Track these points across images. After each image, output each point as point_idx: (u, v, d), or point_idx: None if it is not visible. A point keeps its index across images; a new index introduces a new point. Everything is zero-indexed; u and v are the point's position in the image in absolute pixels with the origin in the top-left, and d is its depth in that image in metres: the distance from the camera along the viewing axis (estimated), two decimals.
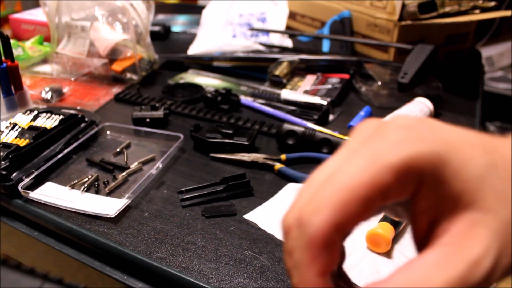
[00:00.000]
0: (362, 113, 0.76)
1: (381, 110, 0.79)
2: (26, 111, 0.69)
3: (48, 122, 0.67)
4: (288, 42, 1.08)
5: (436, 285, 0.18)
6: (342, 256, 0.24)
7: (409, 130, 0.20)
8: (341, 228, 0.19)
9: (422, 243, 0.21)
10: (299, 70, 0.93)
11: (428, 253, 0.19)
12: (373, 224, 0.48)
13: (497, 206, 0.20)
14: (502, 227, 0.19)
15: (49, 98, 0.81)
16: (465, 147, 0.20)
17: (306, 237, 0.20)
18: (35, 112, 0.69)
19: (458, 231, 0.20)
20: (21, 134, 0.63)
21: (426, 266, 0.19)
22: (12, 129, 0.64)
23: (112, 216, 0.51)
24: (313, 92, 0.84)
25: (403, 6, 0.92)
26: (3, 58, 0.68)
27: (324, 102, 0.78)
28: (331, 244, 0.19)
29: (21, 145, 0.59)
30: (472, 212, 0.20)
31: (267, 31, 1.09)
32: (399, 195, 0.20)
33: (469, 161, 0.20)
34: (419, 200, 0.20)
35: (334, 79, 0.88)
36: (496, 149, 0.21)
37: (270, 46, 1.02)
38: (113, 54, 0.90)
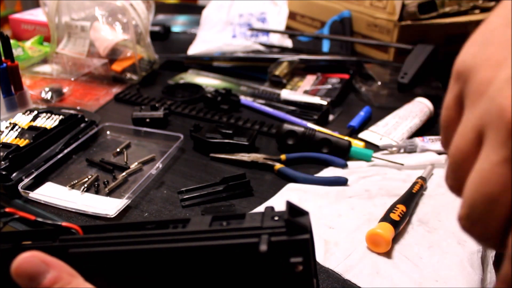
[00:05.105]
0: (362, 113, 0.76)
1: (381, 110, 0.78)
2: (26, 111, 0.69)
3: (48, 122, 0.67)
4: (288, 42, 1.08)
5: None
6: None
7: None
8: None
9: None
10: (299, 70, 0.93)
11: None
12: (373, 224, 0.48)
13: None
14: None
15: (49, 98, 0.81)
16: None
17: None
18: (35, 112, 0.68)
19: None
20: (21, 134, 0.63)
21: None
22: (12, 129, 0.64)
23: (112, 216, 0.51)
24: (313, 92, 0.84)
25: (403, 6, 0.92)
26: (3, 58, 0.68)
27: (324, 102, 0.78)
28: None
29: (21, 145, 0.59)
30: None
31: (267, 31, 1.09)
32: None
33: None
34: None
35: (334, 79, 0.88)
36: None
37: (270, 46, 1.02)
38: (113, 54, 0.90)
